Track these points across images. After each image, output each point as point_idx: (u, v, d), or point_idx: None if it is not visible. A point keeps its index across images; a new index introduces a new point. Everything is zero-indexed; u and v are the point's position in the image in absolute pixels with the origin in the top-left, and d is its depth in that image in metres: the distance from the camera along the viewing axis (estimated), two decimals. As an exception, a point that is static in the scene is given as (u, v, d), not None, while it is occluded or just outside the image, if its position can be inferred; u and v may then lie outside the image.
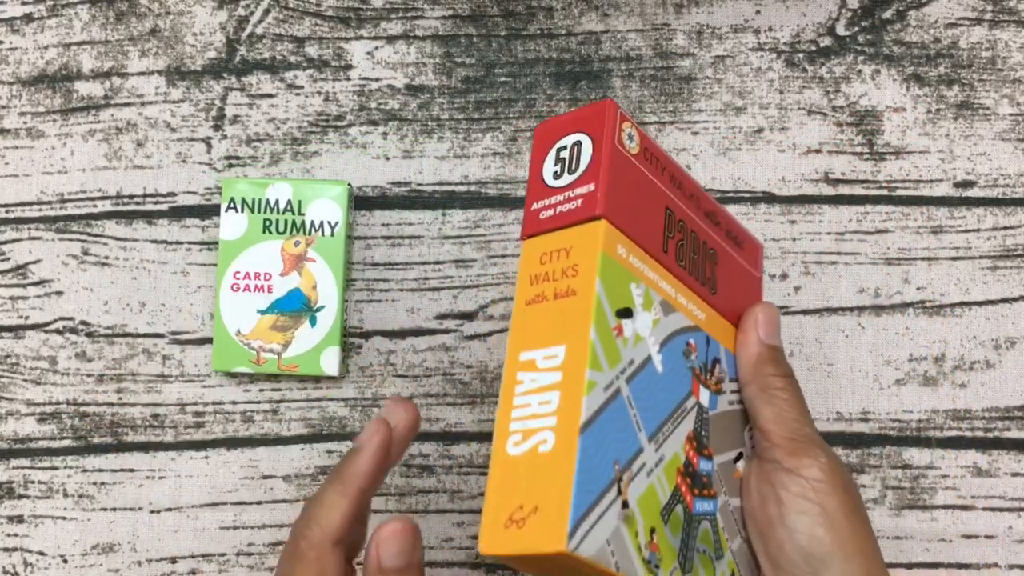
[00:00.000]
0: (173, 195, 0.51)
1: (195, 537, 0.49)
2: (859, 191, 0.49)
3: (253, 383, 0.49)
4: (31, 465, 0.50)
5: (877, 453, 0.48)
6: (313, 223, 0.48)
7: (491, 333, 0.49)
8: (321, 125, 0.51)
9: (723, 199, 0.49)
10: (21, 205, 0.51)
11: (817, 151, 0.50)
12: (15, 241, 0.51)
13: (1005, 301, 0.48)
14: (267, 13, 0.51)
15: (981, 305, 0.48)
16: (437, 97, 0.51)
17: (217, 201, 0.51)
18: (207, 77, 0.51)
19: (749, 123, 0.50)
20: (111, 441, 0.49)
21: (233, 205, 0.48)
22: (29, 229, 0.51)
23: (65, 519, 0.49)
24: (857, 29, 0.50)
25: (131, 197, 0.51)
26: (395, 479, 0.48)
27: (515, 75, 0.50)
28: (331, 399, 0.49)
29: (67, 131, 0.51)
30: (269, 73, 0.51)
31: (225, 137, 0.51)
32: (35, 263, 0.51)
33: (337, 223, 0.48)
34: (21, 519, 0.49)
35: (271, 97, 0.51)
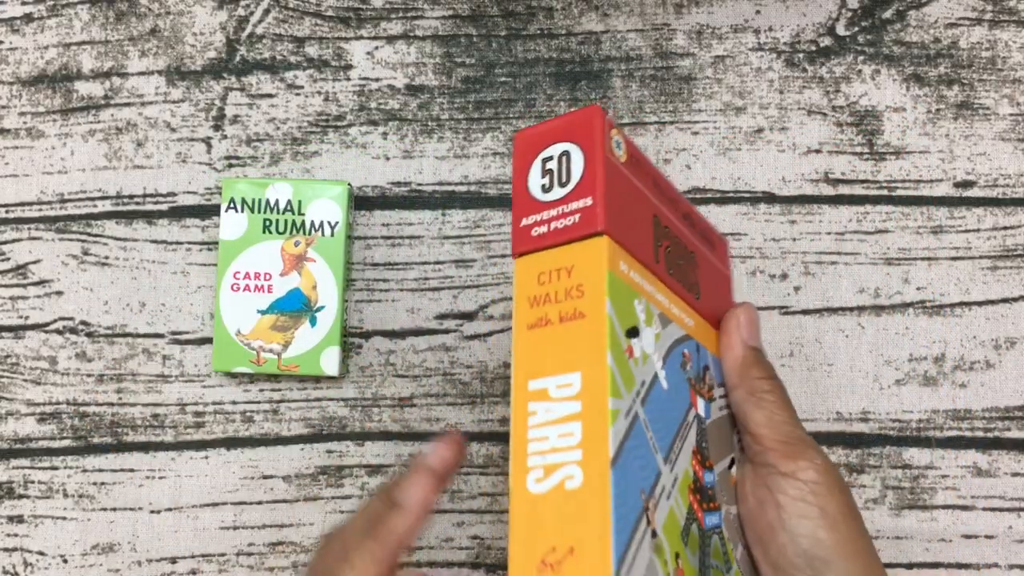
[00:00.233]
0: (173, 195, 0.51)
1: (195, 537, 0.49)
2: (859, 191, 0.49)
3: (253, 383, 0.49)
4: (31, 465, 0.50)
5: (877, 453, 0.48)
6: (313, 223, 0.48)
7: (491, 333, 0.49)
8: (321, 125, 0.51)
9: (723, 199, 0.50)
10: (21, 205, 0.51)
11: (817, 151, 0.50)
12: (15, 241, 0.51)
13: (1005, 301, 0.48)
14: (267, 13, 0.51)
15: (981, 305, 0.48)
16: (437, 97, 0.51)
17: (217, 201, 0.51)
18: (207, 77, 0.51)
19: (749, 123, 0.50)
20: (111, 441, 0.49)
21: (233, 205, 0.48)
22: (29, 229, 0.51)
23: (65, 519, 0.49)
24: (857, 29, 0.50)
25: (131, 197, 0.51)
26: (395, 479, 0.48)
27: (515, 75, 0.50)
28: (331, 399, 0.49)
29: (67, 131, 0.51)
30: (269, 73, 0.51)
31: (225, 137, 0.51)
32: (35, 263, 0.51)
33: (337, 223, 0.48)
34: (21, 519, 0.49)
35: (271, 97, 0.51)
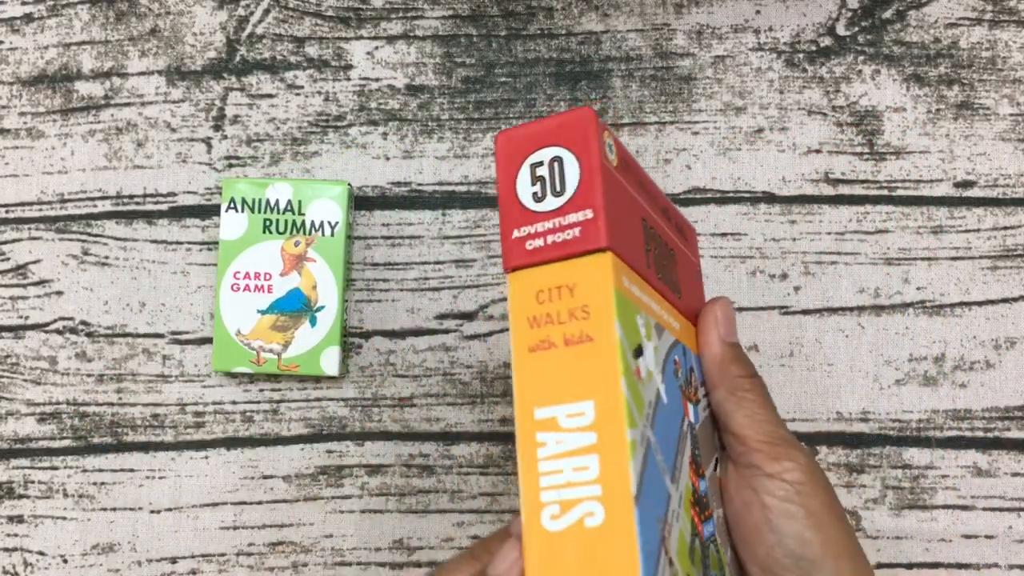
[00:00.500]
0: (173, 195, 0.51)
1: (195, 537, 0.49)
2: (859, 191, 0.49)
3: (253, 383, 0.49)
4: (31, 465, 0.50)
5: (877, 453, 0.48)
6: (313, 223, 0.48)
7: (491, 333, 0.49)
8: (321, 125, 0.51)
9: (723, 199, 0.50)
10: (21, 205, 0.51)
11: (817, 151, 0.50)
12: (15, 241, 0.51)
13: (1005, 301, 0.48)
14: (267, 13, 0.51)
15: (981, 305, 0.48)
16: (437, 97, 0.51)
17: (217, 201, 0.51)
18: (207, 77, 0.51)
19: (749, 123, 0.50)
20: (111, 441, 0.49)
21: (233, 205, 0.48)
22: (29, 229, 0.51)
23: (65, 519, 0.49)
24: (857, 29, 0.50)
25: (131, 197, 0.51)
26: (395, 479, 0.48)
27: (515, 75, 0.50)
28: (331, 399, 0.49)
29: (67, 131, 0.51)
30: (269, 73, 0.51)
31: (225, 137, 0.51)
32: (35, 263, 0.51)
33: (337, 223, 0.48)
34: (21, 519, 0.49)
35: (271, 97, 0.51)
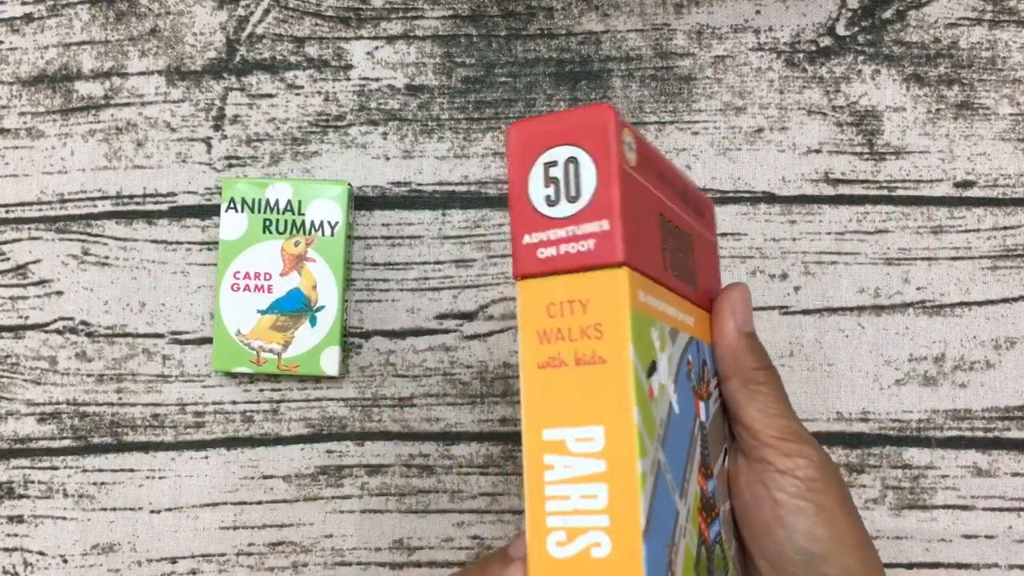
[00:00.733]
0: (173, 195, 0.51)
1: (195, 537, 0.49)
2: (859, 191, 0.49)
3: (253, 383, 0.49)
4: (31, 465, 0.50)
5: (877, 453, 0.48)
6: (313, 223, 0.48)
7: (491, 333, 0.49)
8: (321, 125, 0.51)
9: (723, 199, 0.50)
10: (21, 205, 0.51)
11: (817, 151, 0.50)
12: (15, 241, 0.51)
13: (1005, 301, 0.48)
14: (267, 13, 0.51)
15: (981, 305, 0.48)
16: (437, 97, 0.51)
17: (217, 201, 0.51)
18: (207, 77, 0.51)
19: (749, 123, 0.50)
20: (111, 441, 0.49)
21: (233, 205, 0.48)
22: (29, 229, 0.51)
23: (65, 519, 0.49)
24: (857, 29, 0.50)
25: (131, 197, 0.51)
26: (395, 479, 0.48)
27: (515, 75, 0.50)
28: (331, 399, 0.49)
29: (67, 131, 0.51)
30: (269, 73, 0.51)
31: (225, 137, 0.51)
32: (35, 263, 0.51)
33: (337, 223, 0.48)
34: (21, 519, 0.49)
35: (271, 97, 0.51)
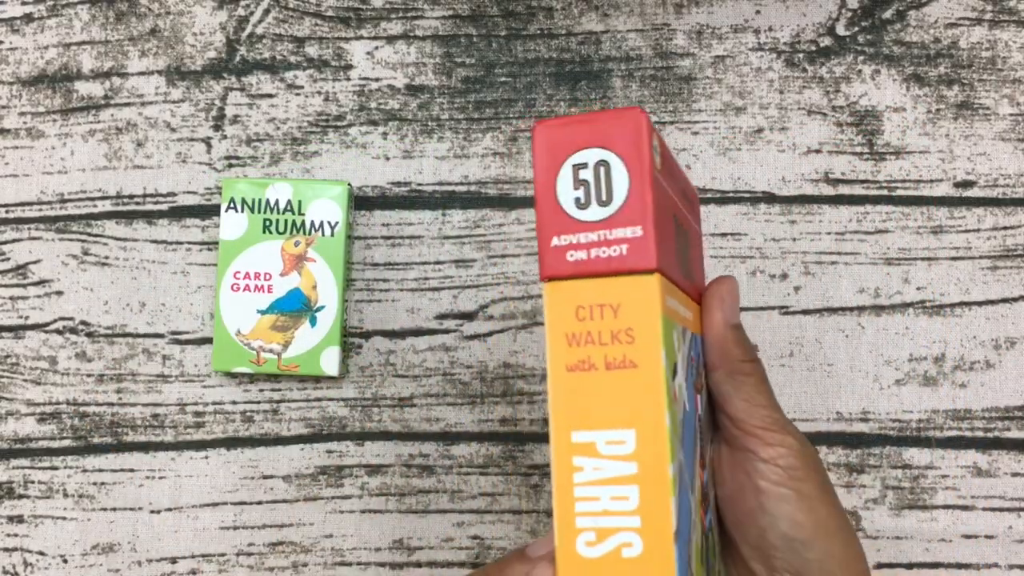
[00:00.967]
0: (173, 195, 0.51)
1: (195, 537, 0.49)
2: (859, 191, 0.49)
3: (253, 383, 0.49)
4: (31, 465, 0.50)
5: (877, 453, 0.48)
6: (313, 223, 0.48)
7: (491, 333, 0.49)
8: (321, 125, 0.51)
9: (723, 199, 0.50)
10: (21, 205, 0.51)
11: (817, 151, 0.50)
12: (15, 241, 0.51)
13: (1005, 301, 0.48)
14: (267, 13, 0.51)
15: (981, 305, 0.48)
16: (437, 97, 0.51)
17: (217, 201, 0.51)
18: (207, 77, 0.51)
19: (749, 123, 0.50)
20: (111, 441, 0.49)
21: (233, 205, 0.48)
22: (29, 229, 0.51)
23: (65, 519, 0.49)
24: (857, 29, 0.50)
25: (131, 197, 0.51)
26: (395, 479, 0.48)
27: (515, 75, 0.50)
28: (331, 399, 0.49)
29: (67, 131, 0.51)
30: (269, 73, 0.51)
31: (225, 137, 0.51)
32: (35, 263, 0.51)
33: (337, 223, 0.48)
34: (21, 519, 0.49)
35: (271, 97, 0.51)
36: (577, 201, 0.25)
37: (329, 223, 0.48)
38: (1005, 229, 0.49)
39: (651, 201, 0.24)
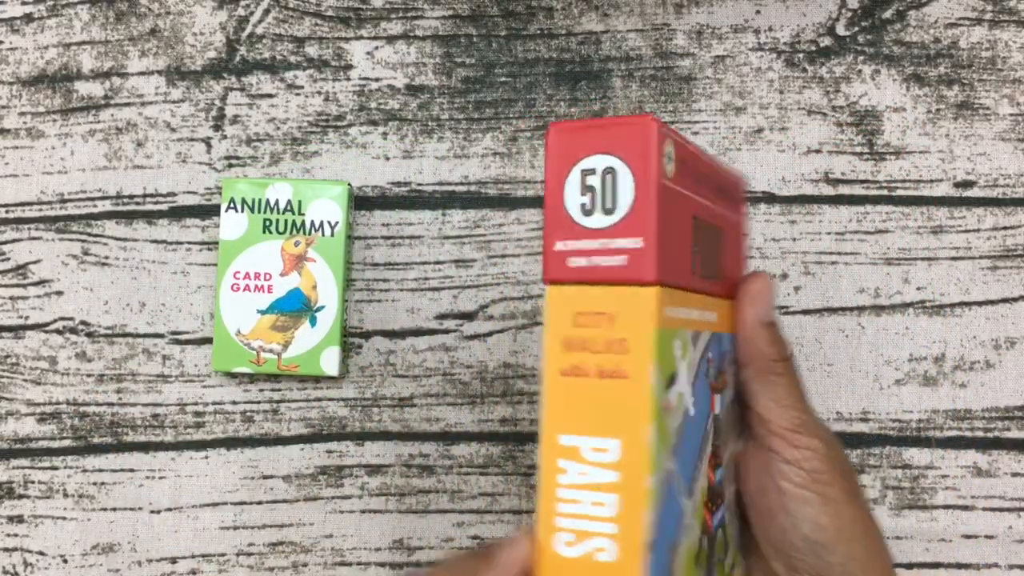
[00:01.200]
0: (173, 195, 0.51)
1: (195, 537, 0.49)
2: (859, 191, 0.49)
3: (253, 383, 0.49)
4: (31, 465, 0.50)
5: (877, 453, 0.48)
6: (313, 223, 0.48)
7: (491, 333, 0.49)
8: (321, 125, 0.51)
9: (723, 199, 0.49)
10: (21, 205, 0.51)
11: (817, 151, 0.50)
12: (15, 241, 0.51)
13: (1005, 301, 0.48)
14: (267, 13, 0.51)
15: (981, 305, 0.48)
16: (437, 97, 0.51)
17: (217, 201, 0.51)
18: (207, 77, 0.51)
19: (749, 123, 0.50)
20: (111, 441, 0.49)
21: (233, 205, 0.48)
22: (29, 229, 0.51)
23: (65, 519, 0.49)
24: (857, 29, 0.50)
25: (131, 197, 0.51)
26: (395, 479, 0.48)
27: (515, 75, 0.50)
28: (331, 399, 0.49)
29: (67, 131, 0.51)
30: (269, 73, 0.51)
31: (225, 137, 0.51)
32: (35, 263, 0.51)
33: (337, 223, 0.48)
34: (21, 519, 0.49)
35: (271, 97, 0.51)
36: (583, 207, 0.25)
37: (329, 223, 0.48)
38: (1005, 229, 0.49)
39: (655, 212, 0.24)
